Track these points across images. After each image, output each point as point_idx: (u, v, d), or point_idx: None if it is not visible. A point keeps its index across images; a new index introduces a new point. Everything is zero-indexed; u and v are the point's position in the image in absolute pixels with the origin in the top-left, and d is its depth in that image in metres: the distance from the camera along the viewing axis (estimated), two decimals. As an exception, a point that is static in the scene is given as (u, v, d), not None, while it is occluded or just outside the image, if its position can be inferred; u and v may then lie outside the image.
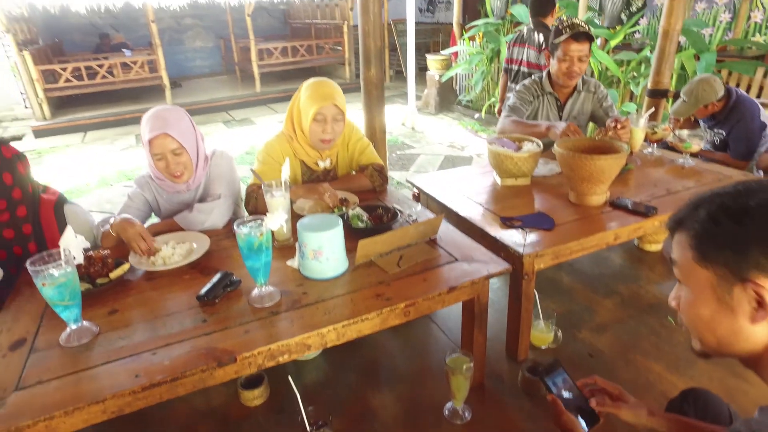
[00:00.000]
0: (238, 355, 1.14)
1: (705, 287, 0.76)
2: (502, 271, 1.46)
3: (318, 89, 1.88)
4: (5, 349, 1.20)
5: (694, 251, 0.77)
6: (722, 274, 0.74)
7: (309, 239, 1.38)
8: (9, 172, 1.56)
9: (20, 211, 1.61)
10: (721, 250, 0.74)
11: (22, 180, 1.61)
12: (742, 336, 0.74)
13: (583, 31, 2.34)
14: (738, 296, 0.72)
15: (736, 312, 0.73)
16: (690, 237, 0.78)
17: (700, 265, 0.77)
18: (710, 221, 0.75)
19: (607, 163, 1.76)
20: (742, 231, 0.72)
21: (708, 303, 0.77)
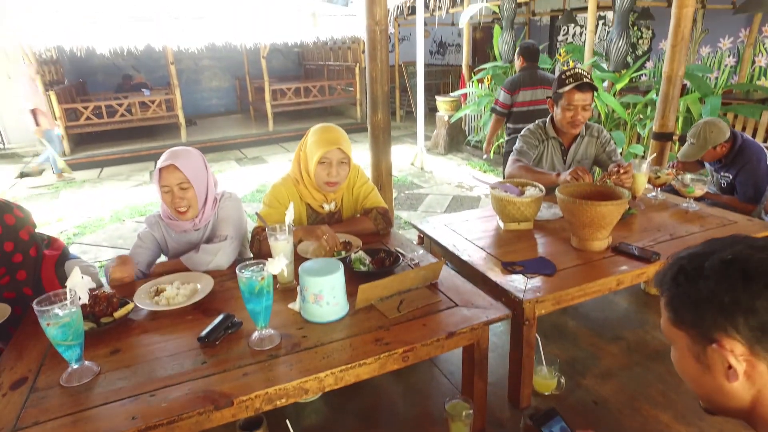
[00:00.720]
0: (235, 399, 1.14)
1: (683, 347, 0.78)
2: (501, 317, 1.46)
3: (324, 134, 1.94)
4: (6, 388, 1.21)
5: (668, 313, 0.79)
6: (693, 335, 0.75)
7: (310, 283, 1.40)
8: (11, 241, 1.60)
9: (20, 275, 1.65)
10: (686, 311, 0.75)
11: (24, 244, 1.64)
12: (726, 394, 0.74)
13: (587, 81, 2.40)
14: (711, 356, 0.73)
15: (713, 371, 0.74)
16: (664, 299, 0.79)
17: (675, 327, 0.78)
18: (673, 283, 0.77)
19: (608, 209, 1.78)
20: (696, 293, 0.73)
21: (689, 362, 0.77)
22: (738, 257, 0.72)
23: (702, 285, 0.73)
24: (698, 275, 0.74)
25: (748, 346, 0.70)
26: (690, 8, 3.46)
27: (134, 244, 1.95)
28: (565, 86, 2.44)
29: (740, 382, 0.72)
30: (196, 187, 1.85)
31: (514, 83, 4.08)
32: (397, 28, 10.97)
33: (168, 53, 8.10)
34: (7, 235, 1.59)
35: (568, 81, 2.44)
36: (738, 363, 0.71)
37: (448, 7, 7.62)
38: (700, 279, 0.73)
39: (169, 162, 1.81)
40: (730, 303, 0.70)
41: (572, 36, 9.86)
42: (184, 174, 1.81)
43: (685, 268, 0.76)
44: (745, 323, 0.69)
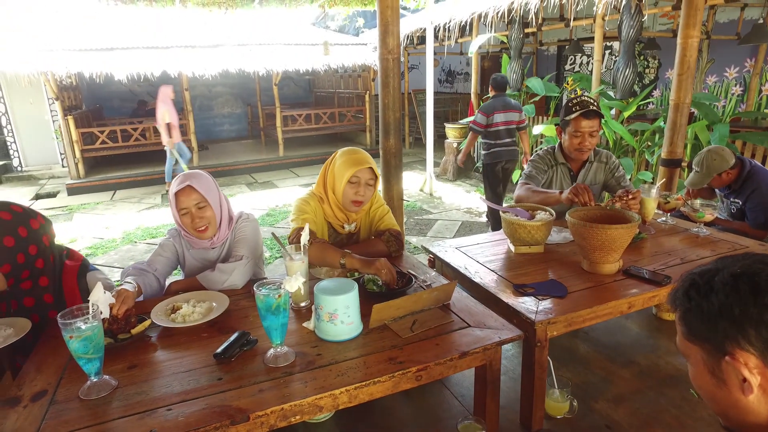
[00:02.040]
0: (251, 414, 1.16)
1: (699, 362, 0.79)
2: (513, 337, 1.47)
3: (354, 155, 2.00)
4: (27, 400, 1.24)
5: (682, 327, 0.80)
6: (707, 349, 0.76)
7: (325, 302, 1.42)
8: (35, 245, 1.62)
9: (42, 281, 1.68)
10: (699, 325, 0.77)
11: (46, 250, 1.67)
12: (742, 408, 0.75)
13: (593, 108, 2.45)
14: (726, 370, 0.74)
15: (729, 385, 0.75)
16: (678, 314, 0.81)
17: (689, 341, 0.79)
18: (685, 298, 0.79)
19: (618, 232, 1.80)
20: (708, 306, 0.75)
21: (705, 377, 0.78)
22: (747, 271, 0.74)
23: (713, 299, 0.75)
24: (709, 289, 0.76)
25: (761, 359, 0.71)
26: (695, 38, 3.54)
27: (155, 251, 2.00)
28: (572, 113, 2.49)
29: (756, 395, 0.73)
30: (213, 205, 1.90)
31: (489, 108, 5.02)
32: (406, 57, 11.21)
33: (183, 80, 8.32)
34: (32, 239, 1.61)
35: (574, 108, 2.49)
36: (752, 376, 0.72)
37: (457, 37, 7.79)
38: (711, 293, 0.75)
39: (186, 184, 1.86)
40: (741, 315, 0.71)
41: (579, 65, 10.02)
42: (200, 193, 1.86)
43: (696, 283, 0.78)
44: (757, 335, 0.70)
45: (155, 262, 1.98)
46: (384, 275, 1.74)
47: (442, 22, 7.55)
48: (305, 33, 10.33)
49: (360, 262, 1.80)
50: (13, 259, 1.56)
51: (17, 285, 1.63)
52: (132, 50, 7.96)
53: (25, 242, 1.59)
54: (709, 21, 6.91)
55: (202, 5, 6.92)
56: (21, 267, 1.59)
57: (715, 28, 7.14)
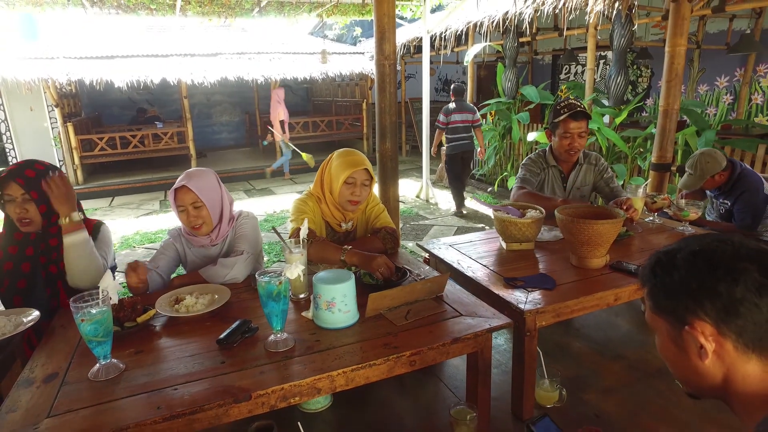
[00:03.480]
0: (252, 393, 1.22)
1: (663, 332, 0.87)
2: (503, 324, 1.54)
3: (349, 157, 2.08)
4: (40, 382, 1.30)
5: (649, 302, 0.88)
6: (670, 321, 0.84)
7: (323, 291, 1.49)
8: None
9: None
10: (663, 299, 0.85)
11: None
12: (700, 374, 0.83)
13: (581, 110, 2.54)
14: (686, 339, 0.82)
15: (689, 353, 0.83)
16: (646, 290, 0.89)
17: (655, 314, 0.87)
18: (651, 274, 0.87)
19: (605, 227, 1.87)
20: (671, 281, 0.83)
21: (669, 346, 0.86)
22: (705, 249, 0.82)
23: (675, 274, 0.82)
24: (672, 266, 0.83)
25: (715, 327, 0.78)
26: (682, 47, 3.65)
27: (157, 252, 2.08)
28: (561, 116, 2.58)
29: (711, 360, 0.80)
30: (208, 205, 1.97)
31: (449, 111, 6.23)
32: (403, 66, 11.35)
33: (182, 87, 8.41)
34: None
35: (562, 111, 2.58)
36: (708, 343, 0.79)
37: (453, 46, 7.93)
38: (673, 269, 0.83)
39: (182, 183, 1.94)
40: (698, 288, 0.79)
41: (573, 75, 10.17)
42: (196, 194, 1.93)
43: (661, 260, 0.86)
44: (712, 306, 0.78)
45: (158, 261, 2.05)
46: (383, 272, 1.80)
47: (438, 31, 7.68)
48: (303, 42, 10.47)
49: (359, 257, 1.87)
50: (47, 201, 1.80)
51: (47, 228, 1.85)
52: (132, 58, 8.06)
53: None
54: (700, 31, 7.06)
55: (201, 14, 7.02)
56: (52, 211, 1.82)
57: (706, 38, 7.29)
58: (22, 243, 1.87)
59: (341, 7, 7.33)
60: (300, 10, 7.23)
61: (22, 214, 1.79)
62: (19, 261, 1.86)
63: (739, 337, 0.78)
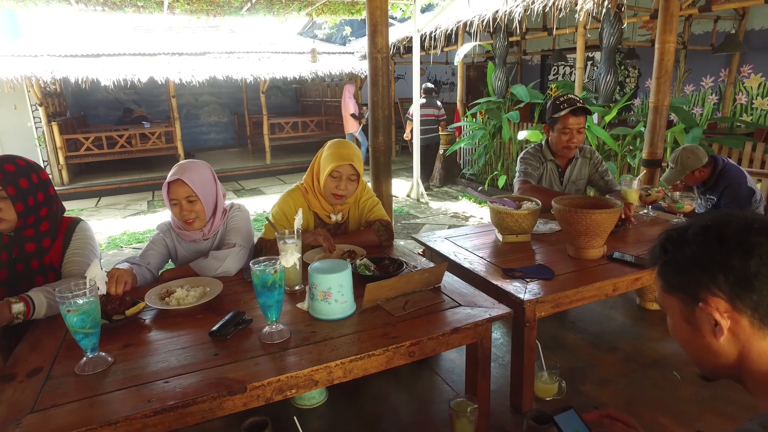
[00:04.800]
0: (248, 385, 1.18)
1: (676, 312, 0.84)
2: (503, 314, 1.52)
3: (339, 149, 2.04)
4: (23, 376, 1.24)
5: (660, 281, 0.85)
6: (683, 298, 0.81)
7: (319, 281, 1.45)
8: (42, 192, 1.74)
9: (43, 226, 1.76)
10: (674, 276, 0.82)
11: (51, 200, 1.78)
12: (714, 352, 0.80)
13: (581, 105, 2.53)
14: (699, 316, 0.79)
15: (702, 331, 0.80)
16: (657, 269, 0.86)
17: (667, 293, 0.85)
18: (662, 252, 0.84)
19: (602, 217, 1.86)
20: (682, 257, 0.80)
21: (682, 326, 0.83)
22: (716, 223, 0.79)
23: (686, 250, 0.80)
24: (683, 242, 0.81)
25: (730, 302, 0.76)
26: (671, 44, 3.67)
27: (146, 247, 2.01)
28: (560, 111, 2.56)
29: (726, 338, 0.78)
30: (203, 199, 1.91)
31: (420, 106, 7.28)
32: (393, 66, 11.33)
33: (170, 86, 8.31)
34: (41, 186, 1.74)
35: (562, 106, 2.56)
36: (723, 319, 0.77)
37: (443, 46, 7.93)
38: (684, 245, 0.81)
39: (177, 176, 1.88)
40: (710, 262, 0.77)
41: (562, 75, 10.23)
42: (191, 188, 1.88)
43: (672, 237, 0.84)
44: (725, 280, 0.75)
45: (147, 257, 1.99)
46: (321, 240, 1.90)
47: (428, 30, 7.67)
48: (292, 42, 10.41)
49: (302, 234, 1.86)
50: (25, 200, 1.68)
51: (21, 231, 1.72)
52: (119, 56, 7.95)
53: (35, 188, 1.71)
54: (685, 32, 7.13)
55: (190, 12, 6.95)
56: (30, 210, 1.69)
57: (691, 39, 7.36)
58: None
59: (331, 6, 7.30)
60: (290, 9, 7.19)
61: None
62: None
63: (755, 312, 0.75)
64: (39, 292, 1.53)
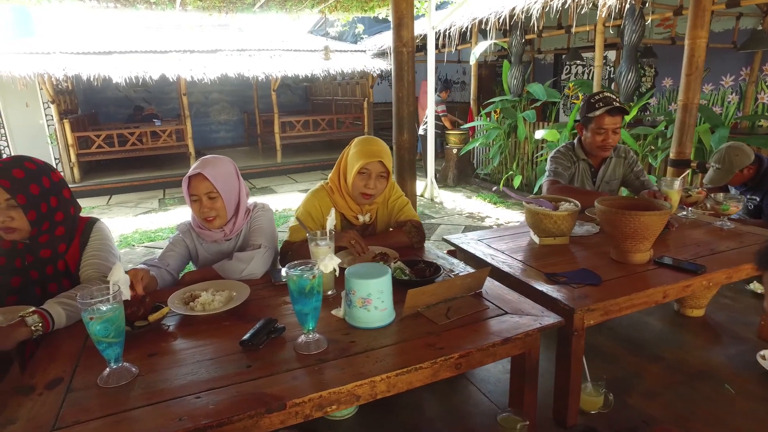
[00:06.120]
0: (287, 402, 1.07)
1: None
2: (555, 323, 1.41)
3: (367, 146, 1.94)
4: (42, 388, 1.15)
5: None
6: None
7: (358, 286, 1.34)
8: (55, 196, 1.62)
9: (59, 231, 1.64)
10: None
11: (66, 203, 1.67)
12: None
13: (617, 105, 2.40)
14: None
15: None
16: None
17: None
18: None
19: (651, 219, 1.74)
20: None
21: None
22: None
23: None
24: None
25: None
26: (703, 39, 3.54)
27: (165, 248, 1.92)
28: (595, 110, 2.43)
29: None
30: (224, 196, 1.81)
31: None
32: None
33: (181, 84, 8.24)
34: (54, 190, 1.62)
35: (597, 105, 2.44)
36: None
37: (457, 44, 7.80)
38: None
39: (198, 171, 1.78)
40: None
41: (575, 75, 10.07)
42: (212, 184, 1.78)
43: None
44: None
45: (167, 258, 1.89)
46: (353, 245, 1.80)
47: (442, 28, 7.55)
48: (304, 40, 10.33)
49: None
50: (38, 207, 1.56)
51: (36, 238, 1.60)
52: (130, 54, 7.89)
53: (48, 192, 1.59)
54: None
55: (202, 8, 6.87)
56: (43, 216, 1.58)
57: (711, 37, 7.19)
58: (10, 253, 1.61)
59: (344, 3, 7.20)
60: (302, 6, 7.09)
61: (6, 222, 1.52)
62: (9, 274, 1.62)
63: None
64: (56, 305, 1.42)
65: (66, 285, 1.63)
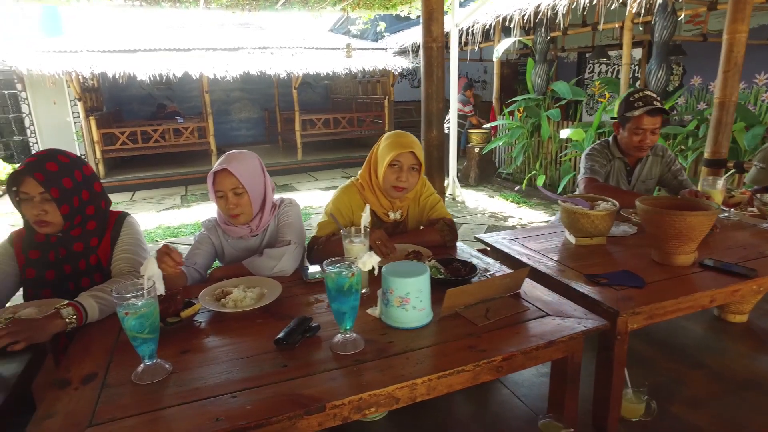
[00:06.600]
0: (327, 403, 1.04)
1: None
2: (599, 327, 1.34)
3: (398, 138, 1.89)
4: (77, 383, 1.13)
5: None
6: None
7: (396, 285, 1.30)
8: (87, 190, 1.62)
9: (90, 225, 1.65)
10: None
11: (97, 197, 1.67)
12: None
13: (658, 105, 2.31)
14: None
15: None
16: None
17: None
18: None
19: (698, 220, 1.66)
20: None
21: None
22: None
23: None
24: None
25: None
26: (743, 33, 3.41)
27: (191, 247, 1.89)
28: (635, 110, 2.34)
29: None
30: (250, 192, 1.78)
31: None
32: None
33: (203, 82, 8.30)
34: (85, 184, 1.62)
35: (637, 104, 2.34)
36: None
37: (480, 42, 7.71)
38: None
39: (223, 166, 1.75)
40: None
41: (598, 74, 9.88)
42: (238, 179, 1.74)
43: None
44: None
45: (193, 257, 1.87)
46: (378, 246, 1.70)
47: (465, 26, 7.47)
48: (325, 38, 10.32)
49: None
50: (70, 201, 1.56)
51: (68, 232, 1.60)
52: (154, 52, 7.97)
53: (80, 186, 1.59)
54: (740, 26, 6.76)
55: (225, 6, 6.89)
56: (75, 210, 1.58)
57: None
58: (44, 246, 1.62)
59: (366, 0, 7.16)
60: (324, 3, 7.07)
61: (40, 216, 1.52)
62: (43, 268, 1.62)
63: None
64: (89, 297, 1.41)
65: (98, 279, 1.62)
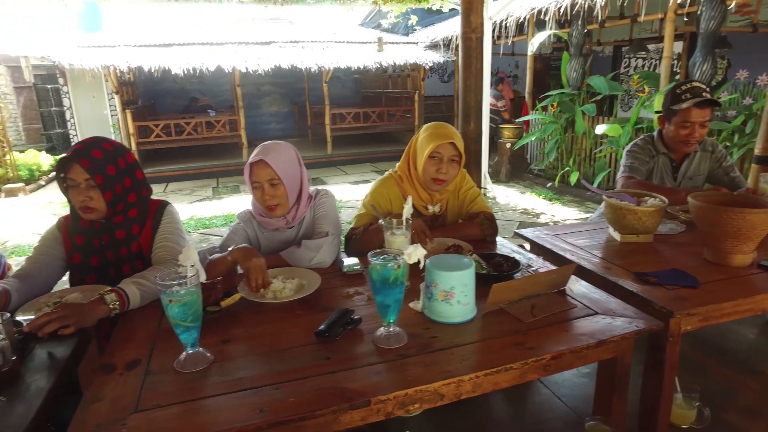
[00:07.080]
0: (372, 398, 1.01)
1: None
2: (652, 327, 1.28)
3: (437, 129, 1.85)
4: (122, 368, 1.13)
5: None
6: None
7: (441, 278, 1.26)
8: (130, 178, 1.65)
9: (132, 212, 1.67)
10: None
11: (139, 185, 1.69)
12: None
13: (708, 98, 2.19)
14: None
15: None
16: None
17: None
18: None
19: (760, 218, 1.57)
20: None
21: None
22: None
23: None
24: None
25: None
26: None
27: (226, 236, 1.87)
28: (682, 102, 2.22)
29: None
30: (286, 183, 1.76)
31: None
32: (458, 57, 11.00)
33: (236, 75, 8.39)
34: (128, 172, 1.65)
35: (685, 96, 2.23)
36: None
37: (514, 35, 7.56)
38: None
39: (260, 157, 1.73)
40: None
41: (634, 68, 9.57)
42: (274, 170, 1.72)
43: None
44: None
45: (227, 247, 1.86)
46: (416, 236, 1.63)
47: (499, 19, 7.33)
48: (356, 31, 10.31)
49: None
50: (113, 188, 1.58)
51: (111, 218, 1.63)
52: (188, 46, 8.10)
53: (123, 173, 1.62)
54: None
55: (257, 1, 6.94)
56: (118, 198, 1.60)
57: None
58: (89, 232, 1.65)
59: (399, -7, 7.10)
60: (357, -3, 7.04)
61: (85, 202, 1.55)
62: (88, 253, 1.65)
63: None
64: (131, 284, 1.42)
65: (139, 267, 1.63)
